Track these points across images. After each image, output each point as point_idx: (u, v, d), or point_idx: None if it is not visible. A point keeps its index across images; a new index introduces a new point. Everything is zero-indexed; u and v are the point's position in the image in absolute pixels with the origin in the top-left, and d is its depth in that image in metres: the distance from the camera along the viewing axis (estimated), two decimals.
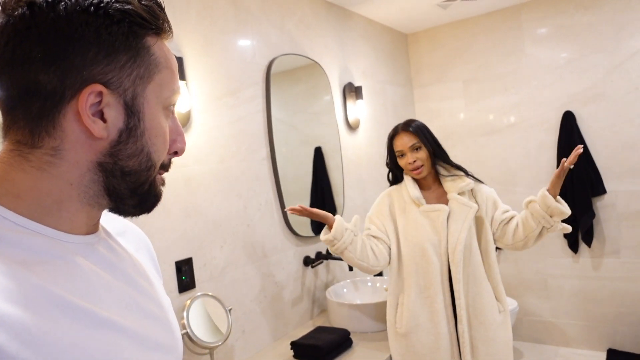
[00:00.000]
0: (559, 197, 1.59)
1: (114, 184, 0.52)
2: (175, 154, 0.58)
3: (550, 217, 1.57)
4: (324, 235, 1.66)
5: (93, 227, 0.56)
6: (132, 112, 0.50)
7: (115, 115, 0.50)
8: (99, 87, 0.47)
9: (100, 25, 0.47)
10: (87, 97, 0.47)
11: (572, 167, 1.56)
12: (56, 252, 0.49)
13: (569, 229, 1.62)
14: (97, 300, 0.50)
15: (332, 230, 1.62)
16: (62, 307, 0.45)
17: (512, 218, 1.70)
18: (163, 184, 0.58)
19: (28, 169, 0.49)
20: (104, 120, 0.49)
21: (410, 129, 1.72)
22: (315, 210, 1.66)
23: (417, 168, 1.70)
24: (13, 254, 0.45)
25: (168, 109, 0.55)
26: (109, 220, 0.63)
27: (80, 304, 0.47)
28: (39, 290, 0.44)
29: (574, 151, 1.55)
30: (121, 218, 0.67)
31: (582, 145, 1.58)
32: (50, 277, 0.46)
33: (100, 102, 0.48)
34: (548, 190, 1.58)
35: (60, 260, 0.49)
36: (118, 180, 0.52)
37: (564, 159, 1.57)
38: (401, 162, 1.74)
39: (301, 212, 1.65)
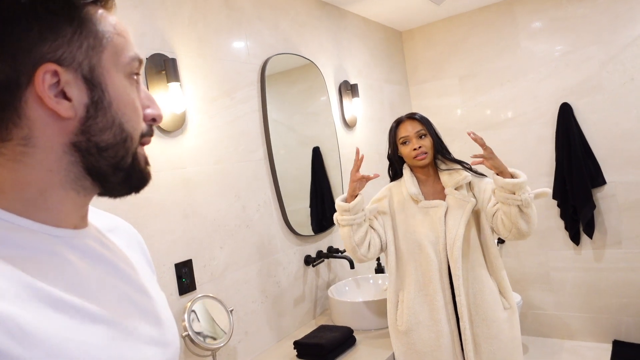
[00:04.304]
0: (513, 170, 1.53)
1: (92, 162, 0.51)
2: (154, 121, 0.57)
3: (514, 193, 1.49)
4: (340, 201, 1.64)
5: (81, 222, 0.55)
6: (93, 84, 0.49)
7: (77, 92, 0.48)
8: (52, 66, 0.46)
9: (35, 2, 0.46)
10: (43, 78, 0.46)
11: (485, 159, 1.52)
12: (45, 246, 0.48)
13: (546, 192, 1.56)
14: (89, 295, 0.49)
15: (353, 201, 1.60)
16: (53, 302, 0.44)
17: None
18: (147, 163, 0.57)
19: (4, 162, 0.48)
20: (68, 99, 0.48)
21: (416, 117, 1.73)
22: (362, 180, 1.61)
23: (422, 154, 1.68)
24: (1, 250, 0.44)
25: (131, 77, 0.54)
26: (98, 217, 0.62)
27: (71, 299, 0.46)
28: (29, 286, 0.43)
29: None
30: (111, 215, 0.67)
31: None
32: (40, 273, 0.45)
33: (58, 82, 0.47)
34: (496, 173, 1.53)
35: (49, 255, 0.48)
36: (96, 157, 0.51)
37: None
38: (404, 149, 1.72)
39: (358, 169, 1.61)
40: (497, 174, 1.52)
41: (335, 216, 1.67)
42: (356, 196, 1.62)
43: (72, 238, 0.52)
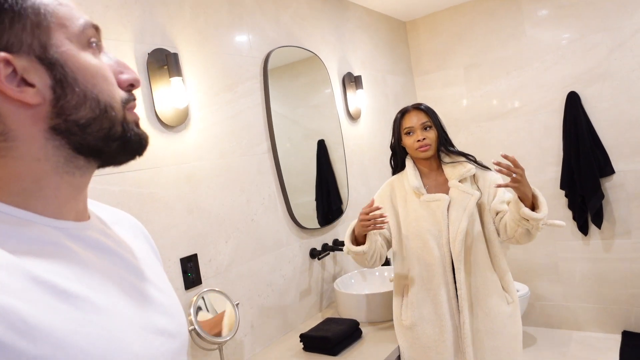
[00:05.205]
0: (538, 196, 1.47)
1: (78, 141, 0.49)
2: (132, 86, 0.54)
3: (527, 221, 1.46)
4: (354, 247, 1.61)
5: (82, 214, 0.54)
6: (51, 63, 0.47)
7: (38, 76, 0.47)
8: (1, 55, 0.45)
9: None
10: None
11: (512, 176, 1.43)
12: (48, 238, 0.48)
13: (561, 226, 1.51)
14: (94, 285, 0.49)
15: (366, 245, 1.58)
16: (58, 294, 0.44)
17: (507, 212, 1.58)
18: (138, 125, 0.55)
19: None
20: (31, 85, 0.47)
21: (422, 107, 1.70)
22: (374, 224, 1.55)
23: (425, 146, 1.65)
24: (3, 243, 0.44)
25: (90, 45, 0.51)
26: (102, 210, 0.62)
27: (76, 290, 0.46)
28: (32, 279, 0.43)
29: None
30: (114, 209, 0.66)
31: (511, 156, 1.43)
32: (43, 264, 0.45)
33: (15, 71, 0.46)
34: (519, 196, 1.47)
35: (52, 246, 0.48)
36: (80, 135, 0.49)
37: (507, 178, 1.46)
38: (408, 140, 1.69)
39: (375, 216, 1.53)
40: (519, 197, 1.47)
41: (347, 251, 1.64)
42: (365, 236, 1.59)
43: (74, 230, 0.51)
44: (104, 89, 0.50)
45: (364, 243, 1.60)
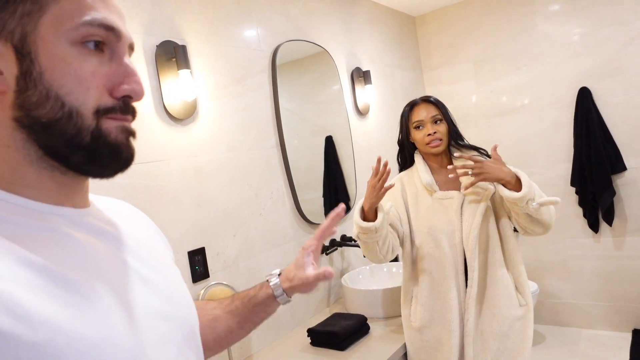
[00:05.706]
0: (520, 176, 1.43)
1: (44, 140, 0.47)
2: (130, 98, 0.51)
3: (515, 204, 1.41)
4: (363, 222, 1.47)
5: (82, 202, 0.53)
6: (22, 54, 0.45)
7: (8, 63, 0.45)
8: None
9: None
10: None
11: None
12: (46, 224, 0.47)
13: (555, 201, 1.42)
14: (94, 270, 0.48)
15: (379, 219, 1.45)
16: (56, 280, 0.43)
17: None
18: (131, 133, 0.52)
19: None
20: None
21: (432, 100, 1.65)
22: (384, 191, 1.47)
23: (436, 140, 1.59)
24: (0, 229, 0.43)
25: (82, 45, 0.47)
26: (102, 201, 0.61)
27: (75, 276, 0.45)
28: (29, 265, 0.42)
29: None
30: (116, 200, 0.65)
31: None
32: (41, 250, 0.44)
33: None
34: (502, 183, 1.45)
35: (51, 232, 0.47)
36: (43, 135, 0.46)
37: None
38: (417, 135, 1.64)
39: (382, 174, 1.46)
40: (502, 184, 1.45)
41: (357, 235, 1.52)
42: (376, 209, 1.48)
43: (73, 216, 0.51)
44: (72, 90, 0.47)
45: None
